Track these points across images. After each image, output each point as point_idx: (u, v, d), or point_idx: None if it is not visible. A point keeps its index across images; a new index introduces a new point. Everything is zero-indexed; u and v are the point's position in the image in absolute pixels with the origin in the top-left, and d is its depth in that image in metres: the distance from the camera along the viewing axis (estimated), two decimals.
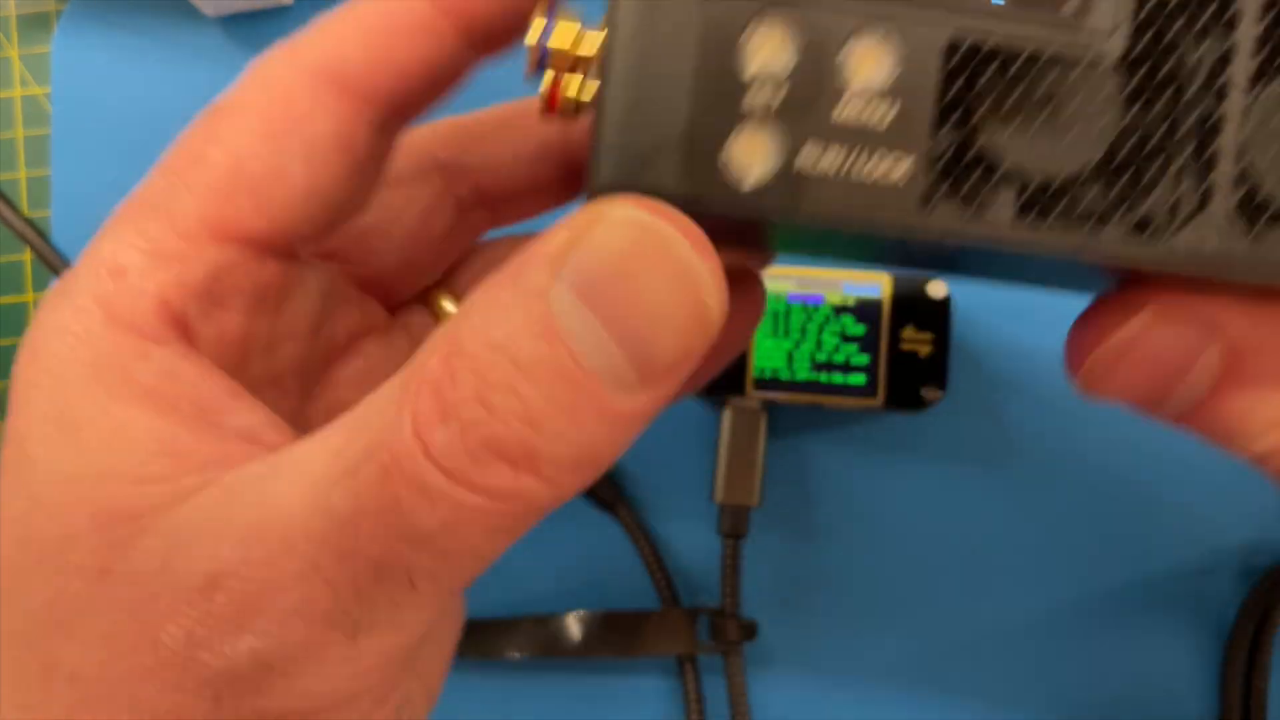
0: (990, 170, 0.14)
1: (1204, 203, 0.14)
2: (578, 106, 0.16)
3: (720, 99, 0.13)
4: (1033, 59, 0.13)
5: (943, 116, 0.13)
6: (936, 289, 0.28)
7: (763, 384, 0.28)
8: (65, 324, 0.15)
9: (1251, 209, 0.14)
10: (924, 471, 0.31)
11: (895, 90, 0.13)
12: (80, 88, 0.33)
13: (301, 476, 0.14)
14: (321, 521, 0.13)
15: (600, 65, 0.14)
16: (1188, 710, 0.31)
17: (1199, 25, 0.14)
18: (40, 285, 0.34)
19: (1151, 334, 0.16)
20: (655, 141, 0.13)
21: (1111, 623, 0.31)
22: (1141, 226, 0.14)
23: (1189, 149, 0.14)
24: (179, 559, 0.14)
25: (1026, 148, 0.14)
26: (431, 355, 0.13)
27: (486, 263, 0.21)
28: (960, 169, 0.14)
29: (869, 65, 0.13)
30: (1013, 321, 0.31)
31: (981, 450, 0.31)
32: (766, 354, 0.29)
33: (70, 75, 0.33)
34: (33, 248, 0.32)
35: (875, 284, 0.28)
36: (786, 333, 0.29)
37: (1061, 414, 0.31)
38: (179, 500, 0.14)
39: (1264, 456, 0.16)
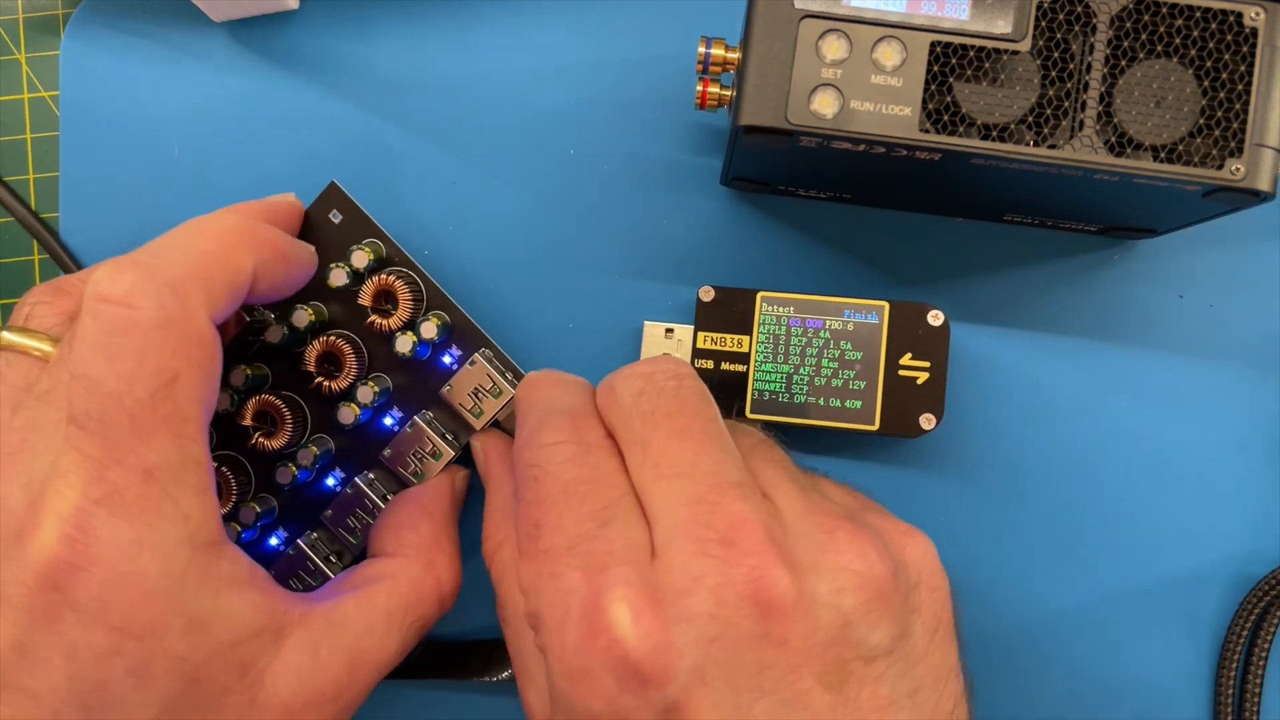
0: (961, 116, 0.25)
1: (1080, 129, 0.25)
2: (718, 100, 0.27)
3: (808, 74, 0.25)
4: (981, 52, 0.25)
5: (928, 85, 0.25)
6: (934, 317, 0.30)
7: (761, 406, 0.30)
8: (169, 564, 0.22)
9: (1117, 139, 0.25)
10: (917, 489, 0.31)
11: (902, 71, 0.25)
12: (88, 91, 0.33)
13: (368, 626, 0.26)
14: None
15: (740, 62, 0.25)
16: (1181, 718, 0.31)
17: (1075, 30, 0.25)
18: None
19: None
20: (775, 98, 0.25)
21: (1104, 632, 0.31)
22: (1049, 144, 0.25)
23: (1076, 102, 0.25)
24: (308, 681, 0.24)
25: (982, 104, 0.25)
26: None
27: None
28: (940, 113, 0.25)
29: (888, 56, 0.25)
30: (1008, 349, 0.32)
31: (974, 469, 0.31)
32: (766, 377, 0.30)
33: (78, 79, 0.33)
34: (44, 245, 0.33)
35: (875, 311, 0.30)
36: (786, 357, 0.30)
37: (1055, 437, 0.31)
38: (280, 639, 0.24)
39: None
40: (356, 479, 0.30)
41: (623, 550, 0.22)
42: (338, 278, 0.29)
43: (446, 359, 0.30)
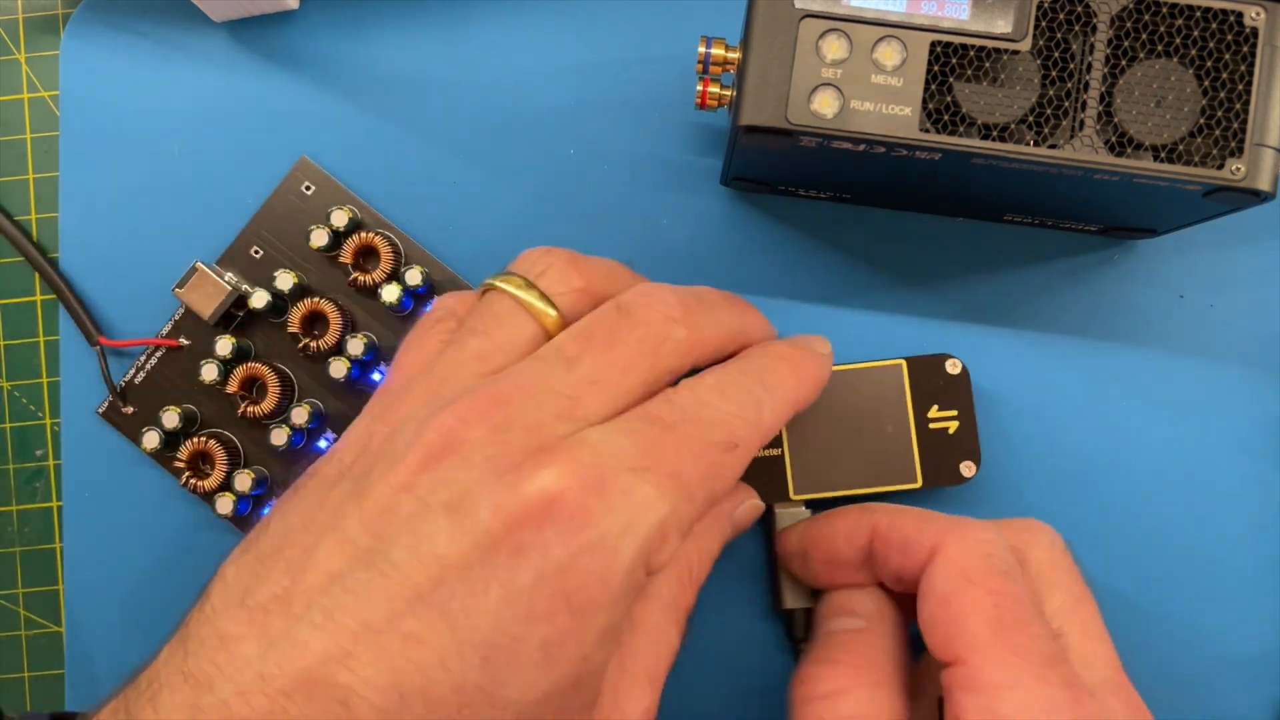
0: (961, 116, 0.25)
1: (1080, 129, 0.25)
2: (718, 100, 0.27)
3: (808, 74, 0.24)
4: (981, 52, 0.25)
5: (929, 85, 0.25)
6: (952, 366, 0.30)
7: (804, 485, 0.29)
8: (630, 565, 0.22)
9: (1118, 139, 0.25)
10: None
11: (902, 71, 0.25)
12: (87, 91, 0.33)
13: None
14: None
15: (740, 62, 0.25)
16: None
17: (1075, 30, 0.25)
18: (46, 289, 0.34)
19: (840, 518, 0.28)
20: (775, 98, 0.25)
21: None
22: (1049, 144, 0.25)
23: (1076, 101, 0.25)
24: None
25: (982, 104, 0.25)
26: None
27: None
28: (940, 112, 0.25)
29: (889, 56, 0.25)
30: (1008, 349, 0.32)
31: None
32: (801, 455, 0.29)
33: (78, 79, 0.33)
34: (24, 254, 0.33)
35: (893, 370, 0.30)
36: (816, 431, 0.29)
37: (1055, 437, 0.32)
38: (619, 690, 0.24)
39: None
40: None
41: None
42: (319, 238, 0.30)
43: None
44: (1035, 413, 0.32)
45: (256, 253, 0.32)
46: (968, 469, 0.29)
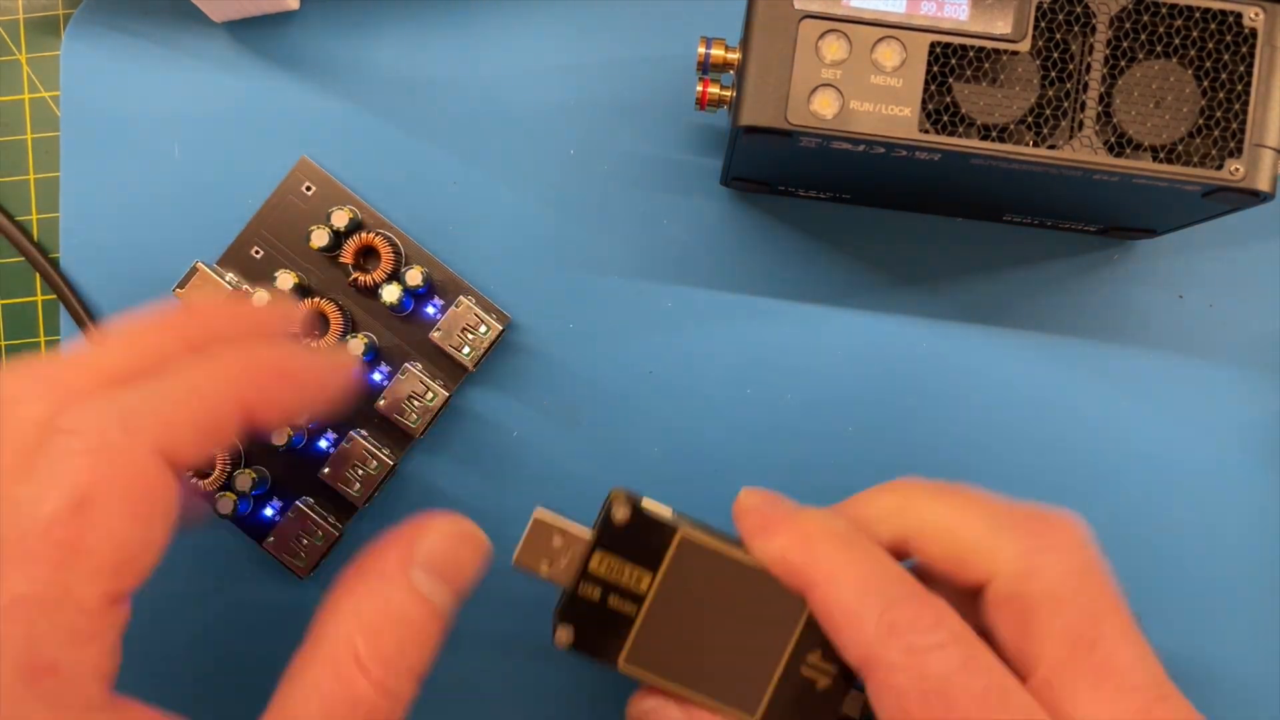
0: (960, 116, 0.25)
1: (1080, 130, 0.25)
2: (718, 100, 0.27)
3: (808, 74, 0.24)
4: (981, 52, 0.25)
5: (928, 85, 0.25)
6: None
7: (640, 659, 0.25)
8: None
9: (1117, 139, 0.25)
10: None
11: (902, 71, 0.25)
12: (88, 91, 0.33)
13: None
14: None
15: (740, 62, 0.25)
16: None
17: (1074, 30, 0.25)
18: (46, 289, 0.34)
19: (663, 713, 0.24)
20: (775, 98, 0.25)
21: None
22: (1049, 144, 0.25)
23: (1075, 102, 0.25)
24: None
25: (982, 104, 0.25)
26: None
27: None
28: (940, 113, 0.25)
29: (888, 56, 0.25)
30: (1008, 349, 0.32)
31: (974, 469, 0.31)
32: (656, 630, 0.24)
33: (78, 79, 0.33)
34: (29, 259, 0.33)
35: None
36: (684, 616, 0.24)
37: (1054, 437, 0.32)
38: None
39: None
40: (352, 433, 0.31)
41: None
42: (319, 238, 0.30)
43: (430, 309, 0.31)
44: (1035, 413, 0.32)
45: (257, 253, 0.32)
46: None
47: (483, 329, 0.30)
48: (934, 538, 0.23)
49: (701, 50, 0.27)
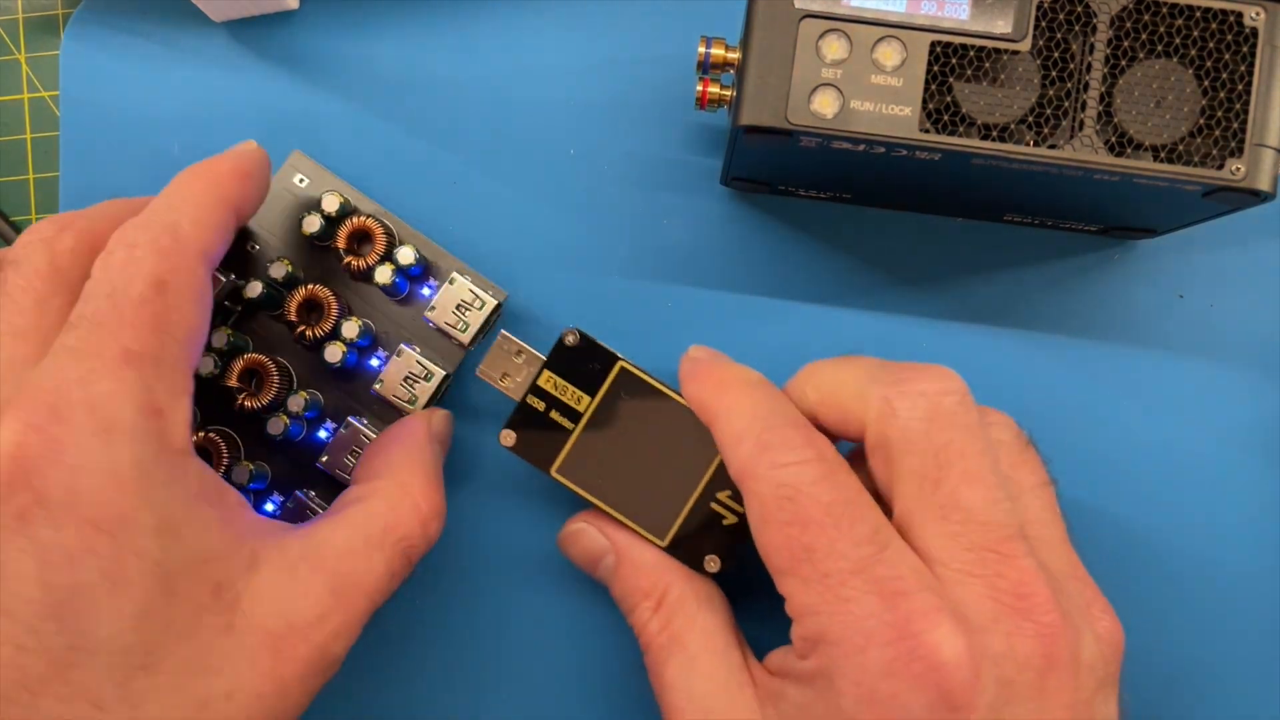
0: (961, 116, 0.25)
1: (1080, 129, 0.25)
2: (718, 100, 0.27)
3: (808, 74, 0.24)
4: (981, 52, 0.25)
5: (928, 85, 0.25)
6: None
7: (571, 471, 0.29)
8: (141, 455, 0.22)
9: (1117, 139, 0.25)
10: None
11: (902, 71, 0.25)
12: (87, 91, 0.33)
13: (348, 548, 0.25)
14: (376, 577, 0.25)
15: (740, 62, 0.25)
16: None
17: (1075, 30, 0.25)
18: None
19: (584, 535, 0.28)
20: (774, 98, 0.25)
21: None
22: (1049, 144, 0.25)
23: (1076, 102, 0.25)
24: (288, 604, 0.23)
25: (982, 104, 0.25)
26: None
27: None
28: (940, 113, 0.25)
29: (888, 56, 0.25)
30: (1008, 349, 0.32)
31: None
32: (588, 446, 0.29)
33: (78, 79, 0.33)
34: None
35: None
36: (616, 436, 0.28)
37: (1054, 437, 0.32)
38: (254, 564, 0.23)
39: (629, 615, 0.28)
40: (350, 419, 0.30)
41: (912, 576, 0.22)
42: (311, 224, 0.30)
43: (425, 291, 0.31)
44: (1035, 413, 0.31)
45: (254, 247, 0.32)
46: (712, 563, 0.27)
47: (478, 305, 0.30)
48: (825, 399, 0.26)
49: (701, 50, 0.27)
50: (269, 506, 0.31)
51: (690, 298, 0.32)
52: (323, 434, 0.31)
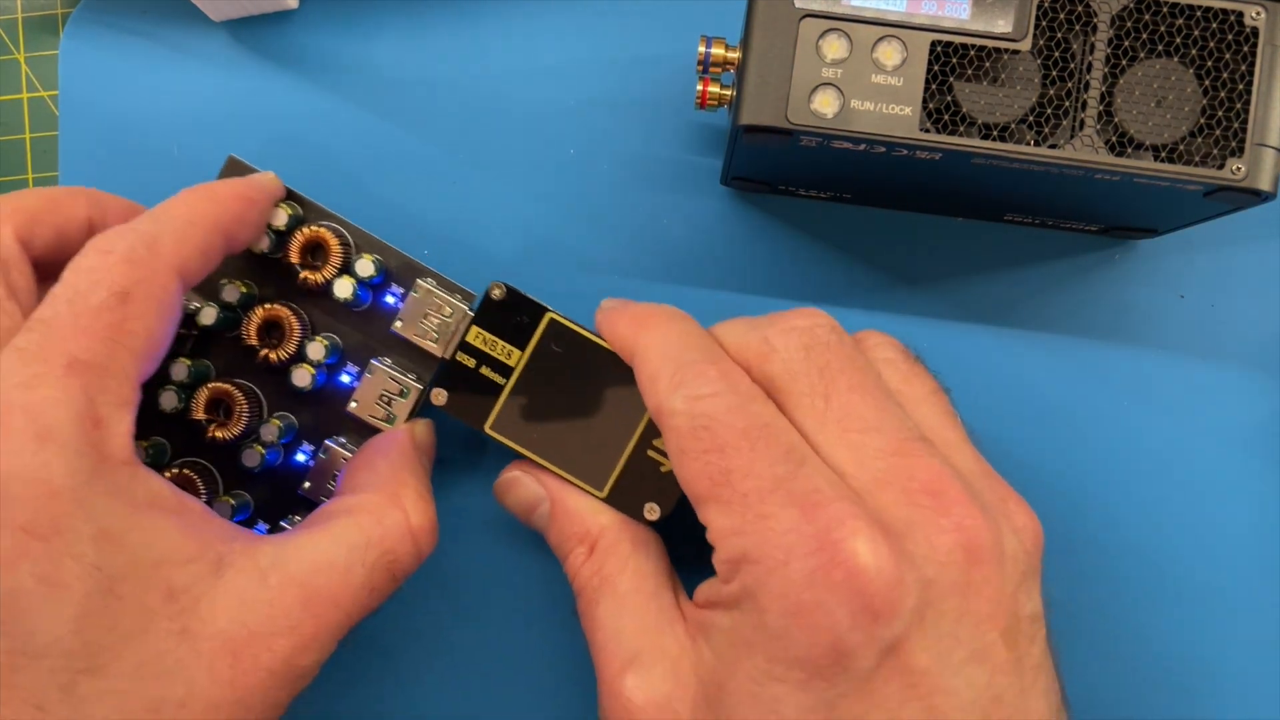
0: (961, 115, 0.25)
1: (1080, 129, 0.25)
2: (718, 100, 0.27)
3: (808, 74, 0.24)
4: (981, 52, 0.25)
5: (929, 84, 0.25)
6: None
7: (504, 427, 0.28)
8: (76, 465, 0.21)
9: (1118, 139, 0.25)
10: None
11: (902, 70, 0.25)
12: (87, 91, 0.33)
13: (327, 560, 0.24)
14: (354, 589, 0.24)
15: (740, 61, 0.25)
16: None
17: (1075, 30, 0.25)
18: None
19: (519, 484, 0.28)
20: (774, 98, 0.24)
21: (1101, 628, 0.31)
22: (1049, 144, 0.25)
23: (1076, 101, 0.25)
24: (252, 612, 0.22)
25: (982, 104, 0.25)
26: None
27: None
28: (941, 112, 0.25)
29: (889, 56, 0.25)
30: (1008, 349, 0.32)
31: None
32: (519, 400, 0.28)
33: (77, 78, 0.33)
34: None
35: None
36: (547, 389, 0.28)
37: (1054, 437, 0.32)
38: (219, 569, 0.22)
39: (564, 561, 0.28)
40: (328, 442, 0.29)
41: (829, 488, 0.22)
42: (261, 242, 0.28)
43: (390, 299, 0.29)
44: (1035, 412, 0.32)
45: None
46: (651, 511, 0.27)
47: (448, 311, 0.28)
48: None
49: (701, 49, 0.27)
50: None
51: (690, 297, 0.32)
52: (301, 457, 0.29)
